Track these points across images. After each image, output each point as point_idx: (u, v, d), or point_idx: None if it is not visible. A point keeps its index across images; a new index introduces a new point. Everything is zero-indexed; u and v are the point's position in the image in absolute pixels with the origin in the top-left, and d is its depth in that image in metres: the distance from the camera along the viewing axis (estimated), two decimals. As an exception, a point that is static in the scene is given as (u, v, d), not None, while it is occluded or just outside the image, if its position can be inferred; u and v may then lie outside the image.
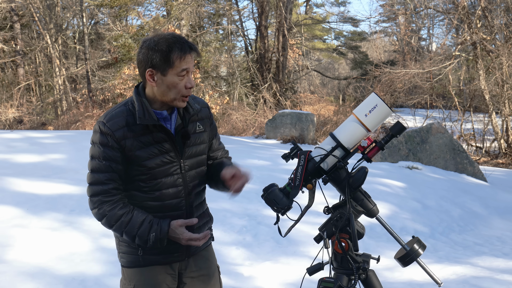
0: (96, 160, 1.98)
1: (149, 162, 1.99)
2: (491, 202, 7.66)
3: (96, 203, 1.99)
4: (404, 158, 9.88)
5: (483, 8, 16.04)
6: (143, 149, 1.98)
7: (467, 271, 4.66)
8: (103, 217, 1.97)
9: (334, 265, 1.99)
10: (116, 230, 1.99)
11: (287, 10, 20.41)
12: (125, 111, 1.99)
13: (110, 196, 1.98)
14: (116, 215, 1.96)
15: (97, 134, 1.98)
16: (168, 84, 1.96)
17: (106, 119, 1.97)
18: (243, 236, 5.07)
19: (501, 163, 15.64)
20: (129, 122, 1.97)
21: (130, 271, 2.10)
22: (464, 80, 21.22)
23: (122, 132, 1.96)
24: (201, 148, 2.14)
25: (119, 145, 1.96)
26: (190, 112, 2.08)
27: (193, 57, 1.99)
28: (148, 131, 1.98)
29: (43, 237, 4.42)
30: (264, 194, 1.98)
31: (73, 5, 24.27)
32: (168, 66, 1.93)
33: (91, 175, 2.01)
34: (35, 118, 19.61)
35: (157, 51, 1.93)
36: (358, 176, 1.92)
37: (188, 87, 1.98)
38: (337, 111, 19.35)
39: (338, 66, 36.94)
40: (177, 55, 1.92)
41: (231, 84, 21.91)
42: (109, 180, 1.97)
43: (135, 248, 2.06)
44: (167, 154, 2.02)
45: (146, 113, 1.96)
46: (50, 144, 8.38)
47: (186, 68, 1.95)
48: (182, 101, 2.00)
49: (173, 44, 1.94)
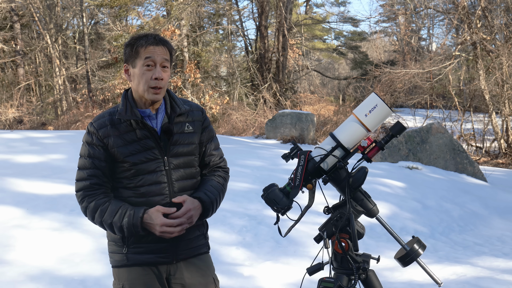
0: (82, 158, 2.10)
1: (132, 158, 2.04)
2: (491, 202, 7.66)
3: (79, 197, 2.08)
4: (404, 158, 9.89)
5: (483, 8, 16.04)
6: (126, 146, 2.05)
7: (467, 271, 4.66)
8: (86, 210, 2.05)
9: (334, 265, 1.99)
10: (96, 221, 2.04)
11: (287, 10, 20.41)
12: (112, 112, 2.11)
13: (91, 190, 2.05)
14: (95, 205, 2.03)
15: (86, 133, 2.12)
16: (137, 76, 2.05)
17: (94, 120, 2.12)
18: (243, 236, 5.07)
19: (501, 163, 15.64)
20: (113, 121, 2.07)
21: (119, 270, 2.12)
22: (464, 80, 21.23)
23: (105, 130, 2.06)
24: (189, 149, 2.15)
25: (102, 143, 2.06)
26: (177, 111, 2.13)
27: (163, 51, 2.07)
28: (131, 129, 2.06)
29: (43, 237, 4.42)
30: (264, 194, 1.98)
31: (73, 5, 24.27)
32: (135, 57, 2.05)
33: (77, 172, 2.11)
34: (35, 118, 19.61)
35: (128, 45, 2.09)
36: (358, 176, 1.92)
37: (154, 77, 2.03)
38: (337, 111, 19.35)
39: (338, 66, 36.94)
40: (141, 45, 2.04)
41: (231, 84, 21.92)
42: (91, 176, 2.06)
43: (120, 247, 2.09)
44: (150, 151, 2.07)
45: (128, 110, 2.06)
46: (50, 144, 8.38)
47: (150, 56, 2.02)
48: (152, 93, 2.05)
49: (141, 37, 2.08)
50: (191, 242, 2.15)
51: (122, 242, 2.07)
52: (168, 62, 2.08)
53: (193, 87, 18.41)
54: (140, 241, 2.06)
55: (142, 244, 2.07)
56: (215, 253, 2.39)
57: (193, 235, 2.16)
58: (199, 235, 2.19)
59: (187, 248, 2.13)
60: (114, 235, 2.09)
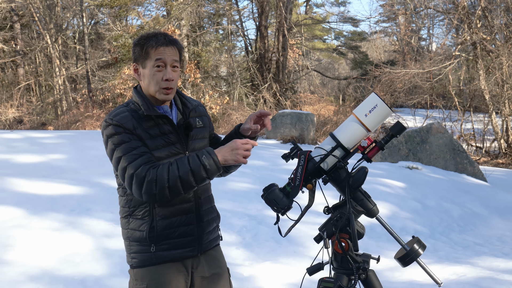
0: (122, 145, 1.98)
1: (157, 152, 2.03)
2: (491, 202, 7.66)
3: (142, 172, 1.93)
4: (404, 158, 9.89)
5: (483, 8, 16.04)
6: (151, 140, 2.03)
7: (467, 271, 4.66)
8: (155, 180, 1.92)
9: (334, 265, 1.99)
10: (171, 180, 1.92)
11: (287, 10, 20.41)
12: (128, 110, 2.06)
13: (152, 163, 1.97)
14: (164, 168, 1.94)
15: (109, 127, 2.01)
16: (147, 76, 2.05)
17: (111, 116, 2.03)
18: (243, 236, 5.07)
19: (501, 163, 15.64)
20: (134, 117, 2.03)
21: (142, 270, 2.08)
22: (464, 80, 21.23)
23: (131, 123, 2.01)
24: (204, 143, 2.21)
25: (133, 134, 2.00)
26: (189, 106, 2.18)
27: (173, 51, 2.06)
28: (154, 124, 2.05)
29: (43, 237, 4.42)
30: (264, 194, 1.98)
31: (73, 5, 24.27)
32: (145, 57, 2.05)
33: (125, 157, 1.97)
34: (35, 118, 19.61)
35: (137, 45, 2.07)
36: (358, 176, 1.92)
37: (165, 79, 2.03)
38: (337, 111, 19.34)
39: (338, 66, 36.94)
40: (151, 46, 2.03)
41: (231, 84, 21.92)
42: (143, 152, 1.98)
43: (146, 246, 2.06)
44: (173, 146, 2.07)
45: (150, 106, 2.05)
46: (50, 144, 8.38)
47: (160, 58, 2.02)
48: (164, 93, 2.06)
49: (151, 37, 2.06)
50: (211, 234, 2.20)
51: (150, 241, 2.04)
52: (177, 62, 2.09)
53: (193, 87, 18.41)
54: (168, 237, 2.06)
55: (170, 240, 2.07)
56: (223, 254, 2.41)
57: (211, 227, 2.21)
58: (215, 226, 2.25)
59: (208, 240, 2.18)
60: (138, 234, 2.06)
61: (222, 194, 5.73)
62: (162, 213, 2.05)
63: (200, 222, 2.13)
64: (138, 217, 2.07)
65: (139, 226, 2.06)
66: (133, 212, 2.08)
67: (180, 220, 2.08)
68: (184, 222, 2.09)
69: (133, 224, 2.08)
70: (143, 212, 2.06)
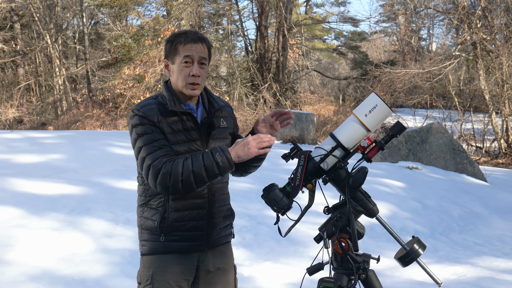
0: (144, 136, 2.06)
1: (177, 147, 2.09)
2: (491, 202, 7.66)
3: (158, 165, 2.00)
4: (404, 158, 9.89)
5: (483, 8, 16.04)
6: (173, 134, 2.09)
7: (467, 271, 4.66)
8: (169, 173, 1.98)
9: (334, 265, 1.99)
10: (184, 174, 1.97)
11: (287, 10, 20.41)
12: (155, 102, 2.13)
13: (169, 156, 2.04)
14: (179, 162, 2.00)
15: (135, 117, 2.09)
16: (176, 72, 2.13)
17: (139, 107, 2.11)
18: (243, 236, 5.07)
19: (501, 163, 15.64)
20: (160, 110, 2.10)
21: (150, 258, 2.15)
22: (464, 80, 21.23)
23: (156, 116, 2.08)
24: (225, 143, 2.26)
25: (155, 126, 2.07)
26: (215, 106, 2.23)
27: (201, 48, 2.13)
28: (178, 119, 2.11)
29: (43, 237, 4.42)
30: (264, 194, 1.98)
31: (73, 5, 24.27)
32: (174, 53, 2.13)
33: (146, 148, 2.04)
34: (35, 118, 19.61)
35: (168, 42, 2.17)
36: (358, 176, 1.92)
37: (192, 74, 2.10)
38: (337, 111, 19.34)
39: (338, 66, 36.94)
40: (180, 42, 2.11)
41: (231, 84, 21.91)
42: (163, 145, 2.05)
43: (156, 235, 2.12)
44: (194, 142, 2.13)
45: (176, 102, 2.11)
46: (50, 144, 8.38)
47: (189, 54, 2.10)
48: (190, 89, 2.12)
49: (181, 34, 2.15)
50: (222, 231, 2.25)
51: (160, 230, 2.10)
52: (205, 60, 2.15)
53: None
54: (178, 229, 2.12)
55: (179, 232, 2.12)
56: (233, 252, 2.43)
57: (223, 224, 2.25)
58: (227, 224, 2.29)
59: (218, 236, 2.23)
60: (150, 223, 2.12)
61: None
62: (175, 206, 2.11)
63: (211, 219, 2.18)
64: (152, 206, 2.14)
65: (152, 215, 2.13)
66: (148, 201, 2.15)
67: (192, 214, 2.14)
68: (195, 217, 2.14)
69: (147, 213, 2.15)
70: (158, 203, 2.13)
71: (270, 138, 1.97)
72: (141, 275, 2.17)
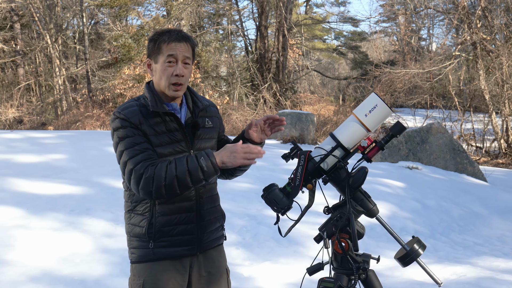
0: (125, 139, 2.01)
1: (161, 149, 2.03)
2: (491, 202, 7.66)
3: (140, 169, 1.94)
4: (404, 158, 9.89)
5: (483, 8, 16.04)
6: (156, 136, 2.03)
7: (467, 271, 4.66)
8: (152, 178, 1.93)
9: (334, 265, 1.99)
10: (168, 179, 1.93)
11: (287, 10, 20.41)
12: (137, 104, 2.08)
13: (152, 160, 1.98)
14: (162, 166, 1.94)
15: (116, 120, 2.04)
16: (159, 71, 2.07)
17: (120, 110, 2.06)
18: (243, 236, 5.07)
19: (501, 163, 15.64)
20: (142, 112, 2.05)
21: (140, 266, 2.09)
22: (464, 80, 21.23)
23: (137, 118, 2.02)
24: (211, 144, 2.21)
25: (137, 128, 2.02)
26: (199, 106, 2.17)
27: (186, 47, 2.08)
28: (161, 120, 2.05)
29: (43, 237, 4.42)
30: (264, 194, 1.98)
31: (73, 5, 24.27)
32: (157, 52, 2.07)
33: (127, 152, 1.99)
34: (35, 118, 19.60)
35: (151, 40, 2.10)
36: (358, 176, 1.92)
37: (175, 74, 2.05)
38: (337, 111, 19.34)
39: (338, 66, 36.94)
40: (164, 41, 2.05)
41: (231, 84, 21.91)
42: (145, 148, 1.99)
43: (145, 242, 2.07)
44: (178, 144, 2.07)
45: (158, 102, 2.06)
46: (50, 144, 8.38)
47: (172, 54, 2.04)
48: (173, 90, 2.07)
49: (164, 32, 2.08)
50: (212, 234, 2.19)
51: (148, 237, 2.05)
52: (189, 59, 2.10)
53: (193, 87, 18.39)
54: (167, 234, 2.06)
55: (168, 238, 2.06)
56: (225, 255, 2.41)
57: (214, 226, 2.20)
58: (218, 226, 2.24)
59: (209, 239, 2.17)
60: (138, 230, 2.07)
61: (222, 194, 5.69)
62: (162, 210, 2.05)
63: (201, 221, 2.12)
64: (139, 212, 2.08)
65: (140, 221, 2.07)
66: (135, 207, 2.10)
67: (180, 218, 2.08)
68: (184, 220, 2.09)
69: (134, 219, 2.09)
70: (144, 208, 2.07)
71: (259, 150, 1.92)
72: (131, 284, 2.12)
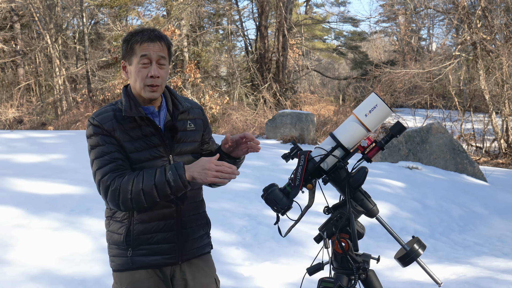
0: (96, 148, 1.97)
1: (137, 155, 1.98)
2: (491, 202, 7.66)
3: (107, 181, 1.91)
4: (404, 158, 9.89)
5: (483, 8, 16.04)
6: (131, 142, 1.98)
7: (467, 271, 4.66)
8: (118, 190, 1.88)
9: (334, 265, 1.99)
10: (133, 192, 1.88)
11: (287, 10, 20.41)
12: (113, 109, 2.02)
13: (119, 171, 1.93)
14: (129, 178, 1.90)
15: (90, 127, 2.00)
16: (133, 73, 2.00)
17: (94, 115, 2.02)
18: (243, 236, 5.07)
19: (501, 163, 15.64)
20: (117, 116, 1.99)
21: (121, 274, 2.05)
22: (464, 80, 21.22)
23: (111, 124, 1.97)
24: (193, 147, 2.13)
25: (110, 135, 1.97)
26: (179, 108, 2.09)
27: (160, 47, 2.00)
28: (136, 125, 1.99)
29: (43, 237, 4.42)
30: (264, 194, 1.98)
31: (73, 5, 24.27)
32: (130, 54, 2.00)
33: (97, 161, 1.96)
34: (35, 118, 19.61)
35: (125, 41, 2.03)
36: (358, 176, 1.92)
37: (150, 75, 1.97)
38: (337, 111, 19.35)
39: (338, 66, 36.94)
40: (136, 41, 1.98)
41: (231, 84, 21.91)
42: (115, 158, 1.94)
43: (124, 250, 2.02)
44: (155, 149, 2.01)
45: (132, 107, 1.99)
46: (50, 144, 8.38)
47: (146, 54, 1.97)
48: (149, 91, 1.99)
49: (137, 32, 2.01)
50: (196, 242, 2.12)
51: (126, 245, 2.00)
52: (165, 59, 2.02)
53: (193, 87, 18.41)
54: (145, 242, 2.01)
55: (147, 246, 2.01)
56: (215, 253, 2.38)
57: (197, 234, 2.13)
58: (203, 234, 2.17)
59: (192, 248, 2.10)
60: (117, 237, 2.02)
61: (222, 194, 5.73)
62: (140, 217, 2.00)
63: (182, 229, 2.05)
64: (117, 219, 2.03)
65: (118, 228, 2.03)
66: (114, 213, 2.05)
67: (158, 225, 2.02)
68: (163, 228, 2.02)
69: (113, 226, 2.05)
70: (123, 215, 2.02)
71: (233, 171, 1.87)
72: None
